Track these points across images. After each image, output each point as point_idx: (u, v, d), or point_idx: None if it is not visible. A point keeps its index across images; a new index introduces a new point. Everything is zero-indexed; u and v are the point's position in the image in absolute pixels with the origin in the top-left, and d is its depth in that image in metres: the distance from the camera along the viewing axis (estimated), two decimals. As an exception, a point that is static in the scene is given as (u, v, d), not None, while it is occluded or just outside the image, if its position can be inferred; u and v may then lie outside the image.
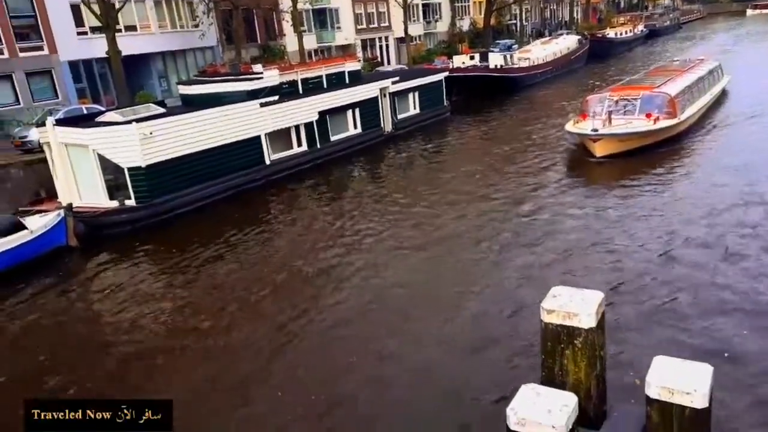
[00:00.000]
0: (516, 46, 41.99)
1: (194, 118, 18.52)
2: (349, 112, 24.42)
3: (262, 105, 20.61)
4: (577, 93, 30.67)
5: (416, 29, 49.91)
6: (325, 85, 24.10)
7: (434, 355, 9.04)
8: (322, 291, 11.80)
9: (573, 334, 6.37)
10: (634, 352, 8.24)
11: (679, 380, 5.16)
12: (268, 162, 20.71)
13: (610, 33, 57.93)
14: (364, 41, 45.72)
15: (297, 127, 22.03)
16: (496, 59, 36.96)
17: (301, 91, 22.98)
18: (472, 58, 37.58)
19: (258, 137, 20.40)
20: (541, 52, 42.55)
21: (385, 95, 26.27)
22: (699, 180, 16.12)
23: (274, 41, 38.22)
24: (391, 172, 21.93)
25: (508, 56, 38.04)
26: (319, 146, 22.70)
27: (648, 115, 18.85)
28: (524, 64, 39.14)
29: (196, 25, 34.14)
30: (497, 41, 44.49)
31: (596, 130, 18.01)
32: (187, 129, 18.15)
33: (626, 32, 59.93)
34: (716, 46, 52.82)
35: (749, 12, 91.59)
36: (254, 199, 18.83)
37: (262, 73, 21.88)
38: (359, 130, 24.85)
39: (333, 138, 23.50)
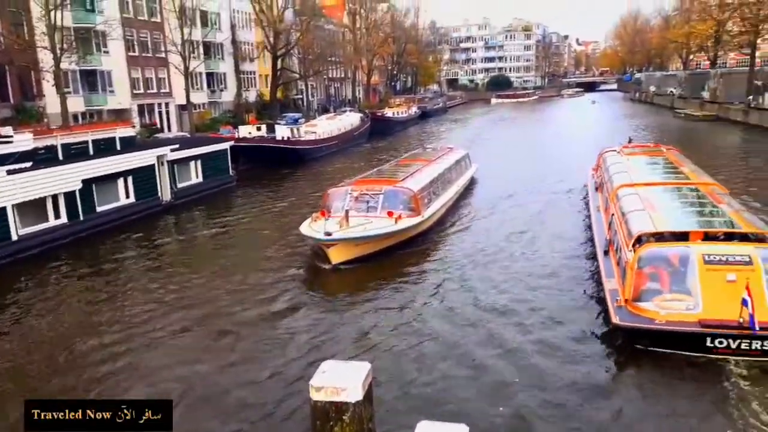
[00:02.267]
0: (302, 120, 43.31)
1: None
2: (120, 181, 22.45)
3: (10, 173, 17.97)
4: (359, 168, 31.78)
5: (200, 97, 48.88)
6: (91, 152, 22.04)
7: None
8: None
9: (341, 410, 6.13)
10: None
11: (439, 448, 5.16)
12: (15, 237, 17.84)
13: (389, 112, 63.23)
14: (141, 106, 43.23)
15: (54, 197, 19.49)
16: (283, 131, 37.69)
17: (61, 158, 20.66)
18: (258, 128, 37.74)
19: (3, 209, 17.57)
20: (326, 126, 44.48)
21: (163, 163, 24.79)
22: (434, 286, 14.65)
23: (31, 102, 34.11)
24: (165, 246, 20.19)
25: (295, 129, 39.04)
26: (82, 218, 20.29)
27: (390, 214, 16.96)
28: (311, 137, 40.48)
29: (-71, 79, 29.09)
30: (284, 114, 45.50)
31: (329, 234, 15.14)
32: None
33: (402, 112, 65.98)
34: (475, 128, 60.73)
35: (493, 100, 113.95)
36: (-5, 281, 15.86)
37: (11, 136, 19.39)
38: (132, 199, 22.91)
39: (100, 209, 21.24)
